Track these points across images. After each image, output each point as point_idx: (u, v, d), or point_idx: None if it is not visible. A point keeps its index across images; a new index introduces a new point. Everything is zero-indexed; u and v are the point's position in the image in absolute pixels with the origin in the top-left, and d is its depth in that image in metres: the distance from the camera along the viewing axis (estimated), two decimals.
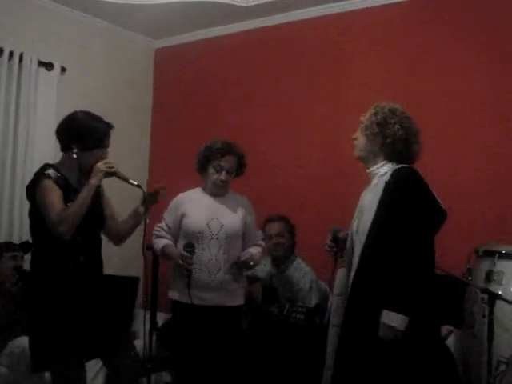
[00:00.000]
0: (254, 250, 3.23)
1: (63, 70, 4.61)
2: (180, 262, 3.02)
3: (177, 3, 4.52)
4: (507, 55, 3.79)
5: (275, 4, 4.52)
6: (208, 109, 5.06)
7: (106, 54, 5.05)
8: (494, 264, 3.02)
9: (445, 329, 3.47)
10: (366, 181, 2.72)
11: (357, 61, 4.38)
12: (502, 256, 3.02)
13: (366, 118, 2.65)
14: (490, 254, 3.08)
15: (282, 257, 3.95)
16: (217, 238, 3.12)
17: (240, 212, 3.24)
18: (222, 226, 3.14)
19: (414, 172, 2.54)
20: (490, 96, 3.85)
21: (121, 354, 2.77)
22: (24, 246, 3.86)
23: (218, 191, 3.22)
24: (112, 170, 2.67)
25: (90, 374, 3.51)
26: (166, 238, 3.22)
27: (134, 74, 5.31)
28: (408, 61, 4.17)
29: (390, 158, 2.59)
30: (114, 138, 2.83)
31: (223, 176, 3.16)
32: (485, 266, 3.08)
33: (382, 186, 2.52)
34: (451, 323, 3.45)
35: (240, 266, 3.17)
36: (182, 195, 3.30)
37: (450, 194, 3.88)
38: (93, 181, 2.60)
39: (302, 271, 3.88)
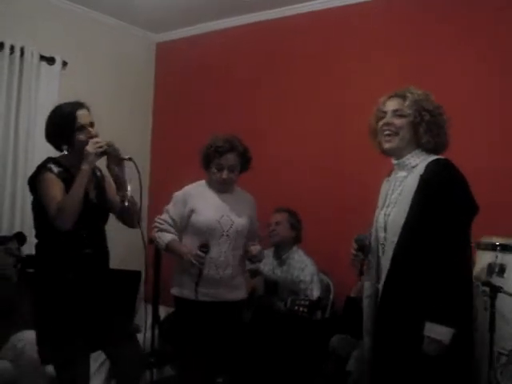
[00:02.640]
0: (259, 246, 3.22)
1: (64, 64, 4.61)
2: (193, 261, 2.96)
3: None
4: (508, 50, 3.78)
5: None
6: (209, 103, 5.05)
7: (107, 48, 5.05)
8: (496, 257, 3.01)
9: None
10: (369, 176, 2.67)
11: (360, 55, 4.37)
12: (504, 249, 3.02)
13: (411, 98, 2.37)
14: (491, 246, 3.07)
15: (282, 248, 3.98)
16: (227, 235, 3.10)
17: (247, 209, 3.22)
18: (233, 223, 3.12)
19: (453, 165, 2.30)
20: (489, 92, 3.84)
21: (124, 347, 2.77)
22: (18, 237, 3.86)
23: (223, 189, 3.20)
24: (101, 149, 2.61)
25: (92, 368, 3.54)
26: (170, 231, 3.16)
27: (135, 68, 5.31)
28: (410, 56, 4.16)
29: (426, 149, 2.36)
30: (115, 132, 2.82)
31: (225, 175, 3.12)
32: (487, 258, 3.07)
33: (415, 179, 2.28)
34: None
35: (252, 260, 3.17)
36: (188, 189, 3.23)
37: None
38: (84, 167, 2.55)
39: (303, 263, 3.90)
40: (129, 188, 2.70)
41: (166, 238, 3.13)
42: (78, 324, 2.59)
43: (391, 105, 2.40)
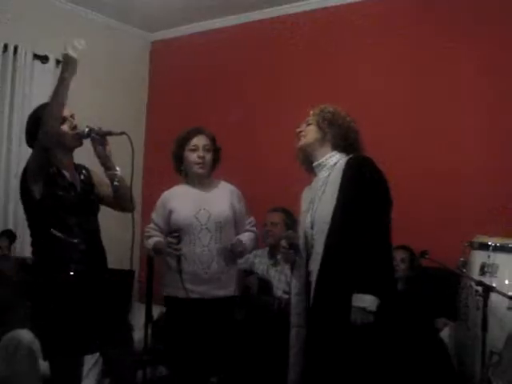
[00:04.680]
0: (245, 237, 3.20)
1: (58, 62, 4.58)
2: (168, 249, 3.00)
3: None
4: (505, 48, 3.80)
5: None
6: (204, 101, 5.05)
7: (101, 46, 5.02)
8: (489, 256, 3.04)
9: (440, 321, 3.49)
10: None
11: (354, 54, 4.38)
12: (497, 248, 3.04)
13: (315, 111, 2.71)
14: (484, 246, 3.09)
15: (277, 248, 3.96)
16: (207, 228, 3.09)
17: (227, 199, 3.19)
18: (210, 215, 3.10)
19: (371, 160, 2.56)
20: (489, 92, 3.86)
21: (119, 348, 2.77)
22: (8, 235, 3.85)
23: (199, 172, 3.17)
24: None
25: (85, 367, 3.54)
26: (157, 236, 3.19)
27: (129, 66, 5.30)
28: (406, 55, 4.19)
29: (339, 148, 2.63)
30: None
31: (200, 152, 3.15)
32: (479, 258, 3.09)
33: (338, 175, 2.53)
34: (446, 315, 3.47)
35: (231, 253, 3.11)
36: (166, 193, 3.27)
37: (445, 186, 3.92)
38: (64, 75, 2.52)
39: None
40: (117, 168, 2.71)
41: (152, 241, 3.16)
42: (79, 322, 2.58)
43: (305, 121, 2.76)
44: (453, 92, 3.97)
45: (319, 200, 2.58)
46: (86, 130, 2.62)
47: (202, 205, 3.13)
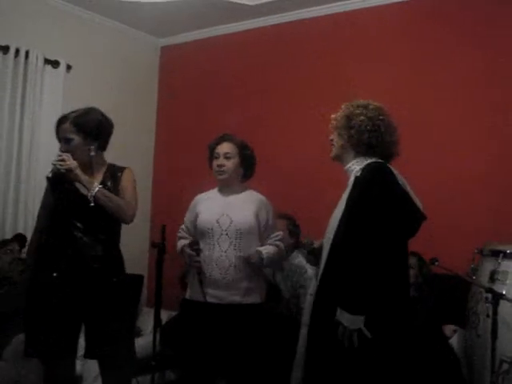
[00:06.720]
0: (265, 249, 3.12)
1: (69, 67, 4.63)
2: (187, 261, 3.05)
3: (182, 1, 4.53)
4: (507, 51, 3.83)
5: (280, 3, 4.54)
6: (213, 107, 5.06)
7: (111, 51, 5.07)
8: (499, 264, 3.02)
9: (449, 328, 3.48)
10: None
11: (361, 59, 4.38)
12: (507, 256, 3.02)
13: (335, 115, 2.61)
14: (494, 253, 3.08)
15: None
16: (227, 234, 3.08)
17: (252, 208, 3.15)
18: (232, 221, 3.09)
19: (383, 167, 2.43)
20: (491, 96, 3.86)
21: (116, 353, 2.79)
22: (18, 239, 3.88)
23: (219, 178, 3.19)
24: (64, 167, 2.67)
25: (92, 374, 3.57)
26: (186, 238, 3.24)
27: (139, 71, 5.33)
28: (410, 58, 4.20)
29: (359, 152, 2.50)
30: (119, 135, 2.83)
31: (220, 161, 3.15)
32: (489, 265, 3.08)
33: (353, 181, 2.47)
34: (455, 322, 3.45)
35: (248, 263, 3.07)
36: (198, 195, 3.31)
37: (455, 193, 3.91)
38: None
39: (303, 268, 3.87)
40: (94, 187, 2.69)
41: (180, 244, 3.21)
42: (61, 322, 2.64)
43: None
44: (466, 99, 3.96)
45: (338, 205, 2.53)
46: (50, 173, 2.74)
47: (224, 210, 3.13)
